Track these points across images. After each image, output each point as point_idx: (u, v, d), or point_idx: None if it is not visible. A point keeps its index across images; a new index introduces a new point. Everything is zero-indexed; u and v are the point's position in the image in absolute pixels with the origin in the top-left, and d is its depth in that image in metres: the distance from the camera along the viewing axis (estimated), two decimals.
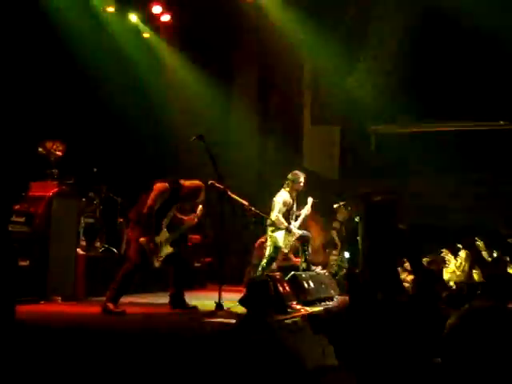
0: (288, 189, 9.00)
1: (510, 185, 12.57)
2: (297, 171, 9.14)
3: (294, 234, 8.92)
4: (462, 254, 8.36)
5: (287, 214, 8.97)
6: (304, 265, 8.96)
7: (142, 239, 6.96)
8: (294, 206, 9.09)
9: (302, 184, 9.02)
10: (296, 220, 9.07)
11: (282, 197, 8.94)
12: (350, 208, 10.66)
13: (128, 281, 7.03)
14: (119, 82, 11.26)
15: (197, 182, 7.41)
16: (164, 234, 7.23)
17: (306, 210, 9.14)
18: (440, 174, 13.32)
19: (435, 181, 13.17)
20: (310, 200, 9.19)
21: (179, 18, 12.16)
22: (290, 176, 9.05)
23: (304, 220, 9.19)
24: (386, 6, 12.39)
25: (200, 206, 7.58)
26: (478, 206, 12.81)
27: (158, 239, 7.11)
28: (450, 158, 12.95)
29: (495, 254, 8.29)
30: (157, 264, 7.12)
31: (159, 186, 7.11)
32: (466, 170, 13.10)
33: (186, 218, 7.63)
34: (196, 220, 7.63)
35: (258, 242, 10.31)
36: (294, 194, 9.05)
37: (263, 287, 4.67)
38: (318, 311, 7.15)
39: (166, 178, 7.30)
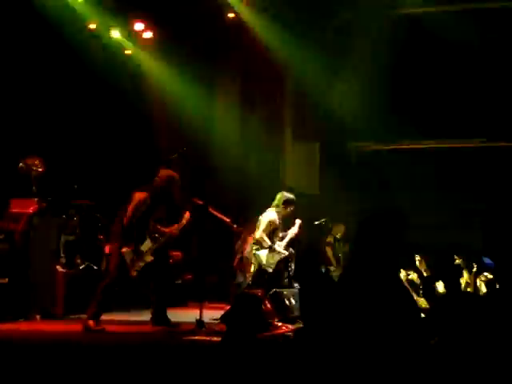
0: (276, 209, 8.78)
1: (489, 203, 12.69)
2: (290, 195, 8.85)
3: (280, 253, 8.79)
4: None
5: (272, 234, 8.82)
6: (286, 281, 8.89)
7: (124, 249, 6.94)
8: (280, 226, 8.96)
9: (292, 209, 8.84)
10: (282, 240, 8.87)
11: (269, 216, 8.74)
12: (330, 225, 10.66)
13: (107, 296, 6.98)
14: (100, 97, 11.23)
15: (166, 173, 7.29)
16: (147, 244, 7.20)
17: (293, 233, 8.89)
18: (419, 191, 13.41)
19: (415, 197, 13.24)
20: (297, 221, 8.93)
21: (161, 33, 12.13)
22: (281, 197, 8.79)
23: (291, 240, 9.00)
24: (368, 24, 12.51)
25: (187, 213, 7.48)
26: (456, 223, 12.91)
27: (141, 248, 7.09)
28: (428, 175, 13.08)
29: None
30: (134, 273, 7.07)
31: (138, 196, 7.10)
32: (444, 187, 13.24)
33: (167, 229, 7.50)
34: (177, 232, 7.51)
35: (236, 260, 10.12)
36: (281, 216, 8.85)
37: (255, 303, 4.62)
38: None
39: (143, 186, 7.24)
